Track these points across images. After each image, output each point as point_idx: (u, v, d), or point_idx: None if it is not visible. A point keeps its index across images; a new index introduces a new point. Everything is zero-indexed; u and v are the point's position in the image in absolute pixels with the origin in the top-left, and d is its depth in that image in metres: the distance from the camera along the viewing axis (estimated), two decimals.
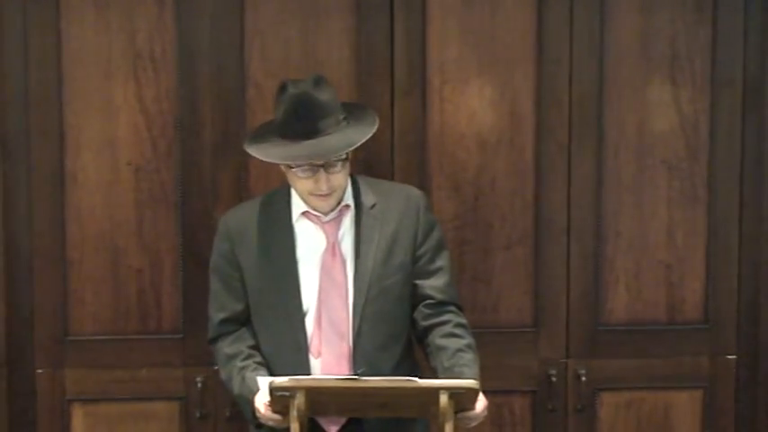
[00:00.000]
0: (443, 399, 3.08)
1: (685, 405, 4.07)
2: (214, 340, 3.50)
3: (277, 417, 3.22)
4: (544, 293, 4.00)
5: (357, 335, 3.35)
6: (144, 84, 3.87)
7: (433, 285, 3.43)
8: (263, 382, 3.19)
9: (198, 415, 3.95)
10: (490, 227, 3.97)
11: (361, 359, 3.34)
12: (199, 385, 3.93)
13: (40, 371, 3.93)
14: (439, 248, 3.47)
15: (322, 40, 3.88)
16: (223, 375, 3.47)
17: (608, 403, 4.05)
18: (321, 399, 3.13)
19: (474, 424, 3.27)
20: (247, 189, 3.90)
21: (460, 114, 3.93)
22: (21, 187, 3.87)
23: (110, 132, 3.88)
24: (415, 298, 3.44)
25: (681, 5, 3.95)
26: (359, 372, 3.30)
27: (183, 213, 3.91)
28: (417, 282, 3.43)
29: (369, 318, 3.35)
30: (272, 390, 3.12)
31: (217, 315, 3.48)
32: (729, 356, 4.07)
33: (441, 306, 3.42)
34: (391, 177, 3.87)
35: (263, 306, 3.42)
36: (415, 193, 3.49)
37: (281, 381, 3.13)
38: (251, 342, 3.44)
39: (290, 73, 3.83)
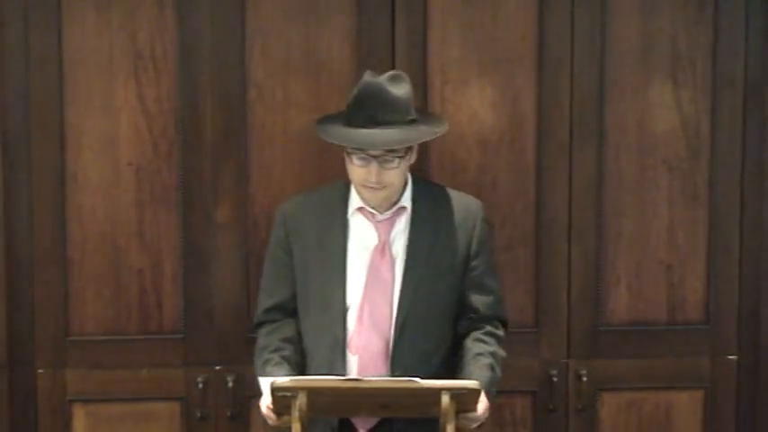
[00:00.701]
0: (445, 399, 3.08)
1: (686, 405, 4.07)
2: (257, 326, 3.53)
3: (272, 416, 3.23)
4: (545, 293, 4.00)
5: (398, 336, 3.34)
6: (145, 84, 3.87)
7: (480, 300, 3.44)
8: (265, 382, 3.19)
9: (199, 415, 3.94)
10: (491, 227, 3.96)
11: (399, 362, 3.32)
12: (200, 385, 3.93)
13: (40, 371, 3.93)
14: (491, 263, 3.49)
15: (323, 40, 3.88)
16: (255, 364, 3.48)
17: (609, 403, 4.05)
18: (323, 399, 3.13)
19: (475, 425, 3.28)
20: (248, 189, 3.90)
21: (461, 114, 3.93)
22: (21, 187, 3.86)
23: (110, 132, 3.88)
24: (461, 309, 3.44)
25: (682, 6, 3.95)
26: (395, 375, 3.29)
27: (183, 213, 3.91)
28: (466, 293, 3.43)
29: (411, 321, 3.34)
30: (274, 390, 3.12)
31: (265, 301, 3.51)
32: (730, 357, 4.07)
33: (482, 320, 3.44)
34: None
35: (308, 296, 3.42)
36: (476, 204, 3.51)
37: (282, 381, 3.13)
38: (287, 335, 3.44)
39: (291, 73, 3.85)
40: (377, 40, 3.88)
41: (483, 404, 3.23)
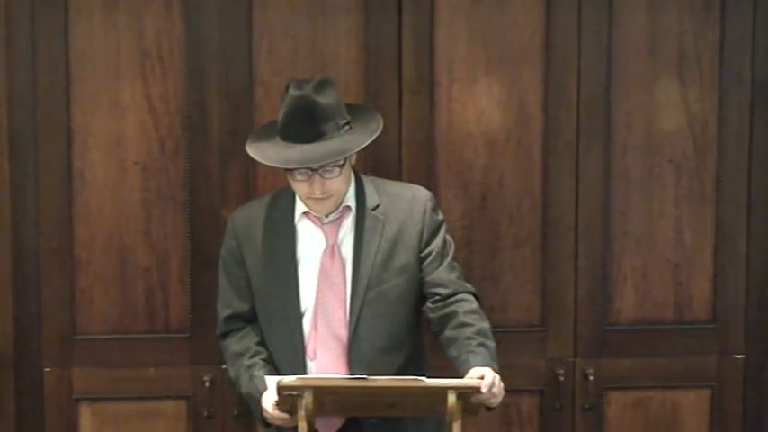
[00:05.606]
0: (451, 398, 3.07)
1: (693, 404, 4.07)
2: (222, 336, 3.51)
3: (285, 416, 3.22)
4: (552, 292, 3.99)
5: (354, 337, 3.33)
6: (152, 83, 3.87)
7: (441, 278, 3.39)
8: (271, 381, 3.19)
9: (205, 414, 3.95)
10: (498, 226, 3.97)
11: (359, 362, 3.32)
12: (206, 384, 3.93)
13: (47, 370, 3.93)
14: (445, 247, 3.44)
15: (330, 39, 3.88)
16: (231, 373, 3.47)
17: (616, 402, 4.05)
18: (329, 398, 3.13)
19: (493, 401, 3.17)
20: (255, 188, 3.90)
21: (468, 113, 3.93)
22: (29, 186, 3.87)
23: (117, 131, 3.88)
24: (426, 293, 3.41)
25: (689, 4, 3.94)
26: (358, 374, 3.28)
27: (190, 212, 3.91)
28: (427, 278, 3.40)
29: (367, 320, 3.34)
30: (280, 389, 3.12)
31: (223, 311, 3.49)
32: (737, 356, 4.06)
33: (447, 298, 3.38)
34: (399, 176, 3.87)
35: (265, 306, 3.42)
36: (422, 193, 3.46)
37: (288, 380, 3.13)
38: (258, 338, 3.44)
39: (298, 72, 3.84)
40: (383, 38, 3.88)
41: (488, 380, 3.13)
